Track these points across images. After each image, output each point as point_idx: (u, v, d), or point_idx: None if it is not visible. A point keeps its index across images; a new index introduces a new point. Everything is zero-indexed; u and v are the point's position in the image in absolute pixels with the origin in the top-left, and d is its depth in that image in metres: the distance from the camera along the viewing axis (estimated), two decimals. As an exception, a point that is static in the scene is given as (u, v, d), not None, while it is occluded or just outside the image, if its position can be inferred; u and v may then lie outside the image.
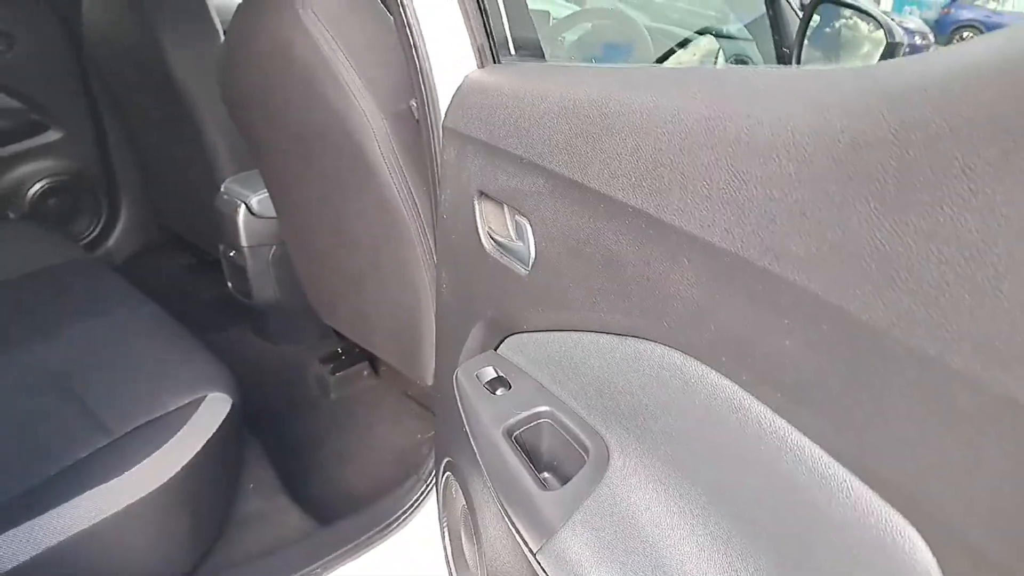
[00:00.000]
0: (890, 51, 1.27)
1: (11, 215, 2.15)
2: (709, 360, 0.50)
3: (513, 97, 0.75)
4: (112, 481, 1.05)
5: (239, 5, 1.28)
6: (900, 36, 1.26)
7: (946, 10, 14.96)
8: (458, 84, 0.93)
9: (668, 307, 0.52)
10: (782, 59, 1.53)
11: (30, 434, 1.13)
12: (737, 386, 0.48)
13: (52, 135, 2.16)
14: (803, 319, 0.40)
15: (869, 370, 0.38)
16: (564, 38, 1.90)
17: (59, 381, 1.23)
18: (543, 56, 1.07)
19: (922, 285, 0.34)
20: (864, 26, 1.41)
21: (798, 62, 1.41)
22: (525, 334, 0.81)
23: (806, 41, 1.43)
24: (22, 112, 2.08)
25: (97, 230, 2.30)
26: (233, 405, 1.25)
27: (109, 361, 1.30)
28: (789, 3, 1.55)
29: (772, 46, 1.57)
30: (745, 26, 1.70)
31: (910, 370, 0.36)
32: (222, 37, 1.76)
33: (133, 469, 1.08)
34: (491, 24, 0.94)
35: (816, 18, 1.45)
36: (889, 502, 0.39)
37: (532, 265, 0.74)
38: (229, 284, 1.90)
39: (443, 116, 0.95)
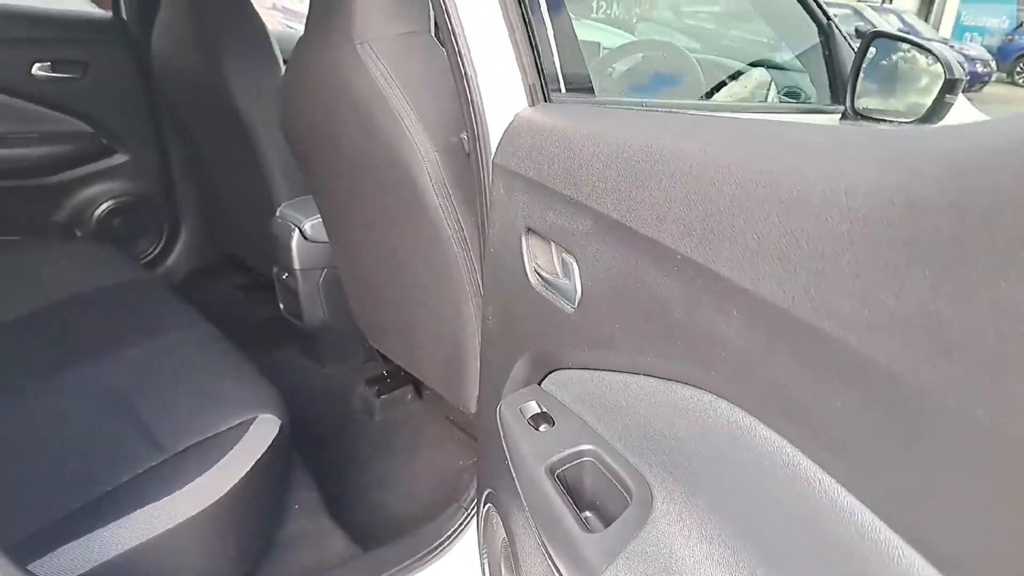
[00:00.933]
0: (949, 87, 1.24)
1: (79, 234, 2.25)
2: (757, 412, 0.50)
3: (563, 137, 0.76)
4: (165, 499, 1.09)
5: (299, 40, 1.33)
6: (959, 72, 1.23)
7: (1009, 37, 14.54)
8: (509, 121, 0.95)
9: (715, 356, 0.52)
10: (836, 92, 1.51)
11: (90, 449, 1.17)
12: (786, 441, 0.47)
13: (119, 158, 2.26)
14: (855, 380, 0.40)
15: (923, 435, 0.37)
16: (614, 68, 1.91)
17: (118, 398, 1.28)
18: (593, 91, 1.09)
19: (979, 355, 0.33)
20: (922, 60, 1.39)
21: (852, 95, 1.39)
22: (570, 371, 0.82)
23: (861, 74, 1.41)
24: (93, 136, 2.19)
25: (158, 250, 2.38)
26: (282, 427, 1.28)
27: (165, 380, 1.34)
28: (843, 34, 1.53)
29: (826, 78, 1.55)
30: (797, 57, 1.68)
31: (965, 438, 0.35)
32: (282, 69, 1.82)
33: (185, 487, 1.11)
34: (542, 61, 0.96)
35: (872, 50, 1.43)
36: (943, 572, 0.38)
37: (578, 304, 0.74)
38: (281, 306, 1.95)
39: (493, 152, 0.97)
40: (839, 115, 1.42)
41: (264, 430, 1.25)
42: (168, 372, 1.37)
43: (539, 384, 0.90)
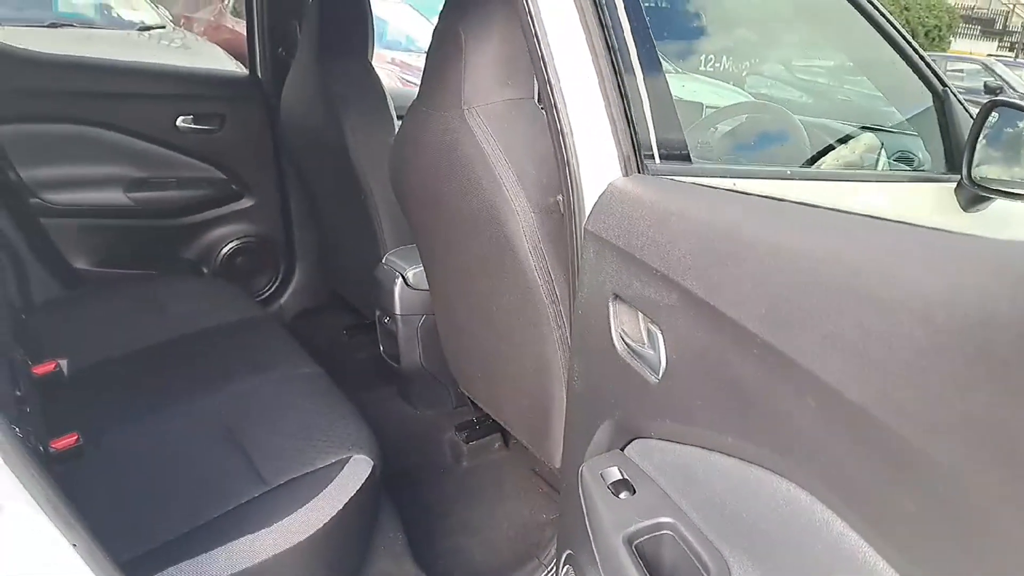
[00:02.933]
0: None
1: (205, 271, 2.45)
2: (836, 507, 0.49)
3: (652, 210, 0.78)
4: (262, 531, 1.15)
5: (413, 103, 1.42)
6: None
7: None
8: (602, 189, 0.97)
9: (794, 444, 0.52)
10: (952, 159, 1.45)
11: (199, 477, 1.26)
12: (864, 541, 0.46)
13: (246, 202, 2.45)
14: (923, 481, 0.39)
15: (988, 538, 0.36)
16: (717, 128, 1.91)
17: (227, 430, 1.37)
18: (689, 157, 1.10)
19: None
20: (1050, 128, 1.31)
21: (970, 164, 1.33)
22: (652, 440, 0.82)
23: (981, 142, 1.35)
24: (224, 182, 2.39)
25: (274, 288, 2.55)
26: (374, 468, 1.33)
27: (270, 415, 1.43)
28: (958, 99, 1.47)
29: (940, 143, 1.49)
30: (909, 120, 1.62)
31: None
32: (396, 127, 1.94)
33: (282, 521, 1.18)
34: (637, 132, 0.98)
35: (994, 116, 1.37)
36: None
37: (662, 375, 0.75)
38: (381, 347, 2.03)
39: (586, 217, 0.99)
40: (954, 184, 1.36)
41: (357, 470, 1.31)
42: (273, 407, 1.46)
43: (622, 450, 0.90)
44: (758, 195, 0.65)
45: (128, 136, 2.20)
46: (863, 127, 1.71)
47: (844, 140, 1.64)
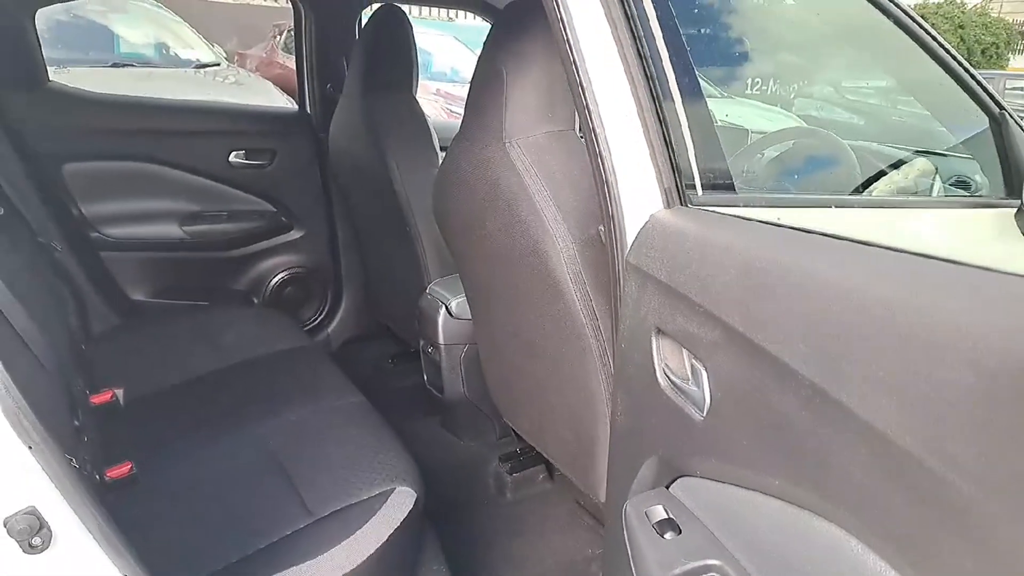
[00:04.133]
0: None
1: (255, 300, 2.51)
2: (888, 556, 0.47)
3: (694, 244, 0.77)
4: (308, 562, 1.16)
5: (455, 136, 1.44)
6: None
7: None
8: (644, 220, 0.97)
9: (843, 489, 0.50)
10: (1011, 184, 1.39)
11: (248, 506, 1.28)
12: (919, 594, 0.44)
13: (294, 234, 2.52)
14: (986, 537, 0.37)
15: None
16: (764, 154, 1.88)
17: (275, 459, 1.39)
18: (733, 187, 1.08)
19: None
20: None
21: (1030, 188, 1.28)
22: (698, 479, 0.80)
23: (1042, 165, 1.30)
24: (274, 215, 2.46)
25: (321, 317, 2.60)
26: (417, 499, 1.33)
27: (317, 445, 1.45)
28: (1016, 120, 1.42)
29: (999, 168, 1.43)
30: (964, 143, 1.57)
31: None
32: (439, 159, 1.97)
33: (327, 553, 1.18)
34: (678, 163, 0.97)
35: (1054, 138, 1.32)
36: None
37: (707, 412, 0.73)
38: (425, 377, 2.05)
39: (628, 249, 0.99)
40: (1015, 209, 1.31)
41: (401, 502, 1.31)
42: (319, 437, 1.47)
43: (667, 487, 0.88)
44: (802, 230, 0.63)
45: (183, 172, 2.29)
46: (917, 151, 1.66)
47: (897, 165, 1.59)
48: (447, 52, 7.01)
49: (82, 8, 4.96)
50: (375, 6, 2.11)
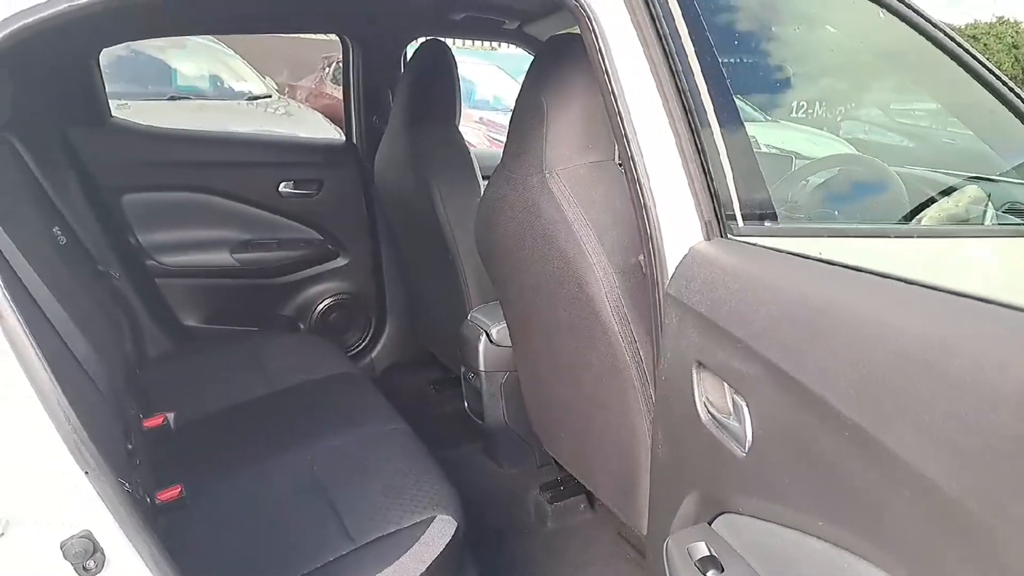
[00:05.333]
0: None
1: (301, 326, 2.56)
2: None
3: (734, 277, 0.76)
4: (349, 591, 1.17)
5: (496, 168, 1.47)
6: None
7: None
8: (684, 251, 0.97)
9: (888, 533, 0.49)
10: (1068, 210, 1.35)
11: (292, 531, 1.30)
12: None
13: (340, 261, 2.57)
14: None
15: None
16: (808, 180, 1.86)
17: (318, 485, 1.41)
18: (775, 216, 1.07)
19: None
20: None
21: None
22: (741, 516, 0.78)
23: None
24: (321, 242, 2.52)
25: (364, 343, 2.64)
26: (458, 528, 1.33)
27: (359, 471, 1.46)
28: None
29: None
30: (1017, 168, 1.53)
31: None
32: (481, 188, 2.00)
33: (368, 581, 1.19)
34: (718, 193, 0.97)
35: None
36: None
37: (748, 449, 0.72)
38: (466, 404, 2.05)
39: (668, 280, 0.99)
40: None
41: (441, 530, 1.31)
42: (362, 463, 1.49)
43: (709, 524, 0.87)
44: (845, 266, 0.62)
45: (235, 202, 2.37)
46: (968, 177, 1.62)
47: (947, 192, 1.55)
48: (490, 81, 7.12)
49: (142, 44, 5.20)
50: (420, 40, 2.16)
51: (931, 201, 1.55)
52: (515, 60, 6.47)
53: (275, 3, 2.12)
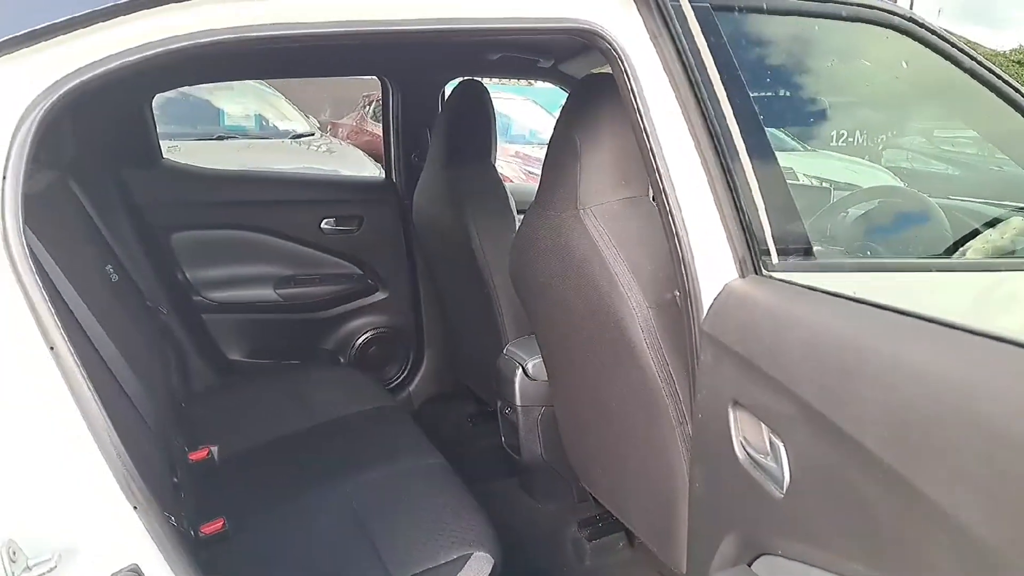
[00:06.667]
0: None
1: (341, 360, 2.60)
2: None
3: (769, 316, 0.76)
4: (388, 629, 1.17)
5: (532, 203, 1.49)
6: None
7: None
8: (719, 288, 0.97)
9: (929, 581, 0.48)
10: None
11: (330, 567, 1.31)
12: None
13: (380, 295, 2.61)
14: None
15: None
16: (848, 212, 1.83)
17: (357, 520, 1.43)
18: (811, 251, 1.07)
19: None
20: None
21: None
22: (780, 558, 0.77)
23: None
24: (361, 277, 2.57)
25: (402, 376, 2.67)
26: (495, 566, 1.33)
27: (397, 506, 1.47)
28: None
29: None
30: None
31: None
32: (516, 223, 2.02)
33: (404, 618, 1.19)
34: (752, 229, 0.97)
35: None
36: None
37: (786, 490, 0.71)
38: (503, 438, 2.05)
39: (703, 316, 0.98)
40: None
41: (479, 567, 1.31)
42: (400, 499, 1.50)
43: (749, 565, 0.86)
44: (880, 306, 0.62)
45: (279, 238, 2.43)
46: (1015, 208, 1.58)
47: (992, 223, 1.52)
48: (525, 115, 7.22)
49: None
50: (457, 80, 2.21)
51: (975, 233, 1.52)
52: (550, 93, 6.55)
53: (318, 49, 2.20)
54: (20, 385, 0.78)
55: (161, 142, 2.36)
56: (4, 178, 0.76)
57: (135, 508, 0.80)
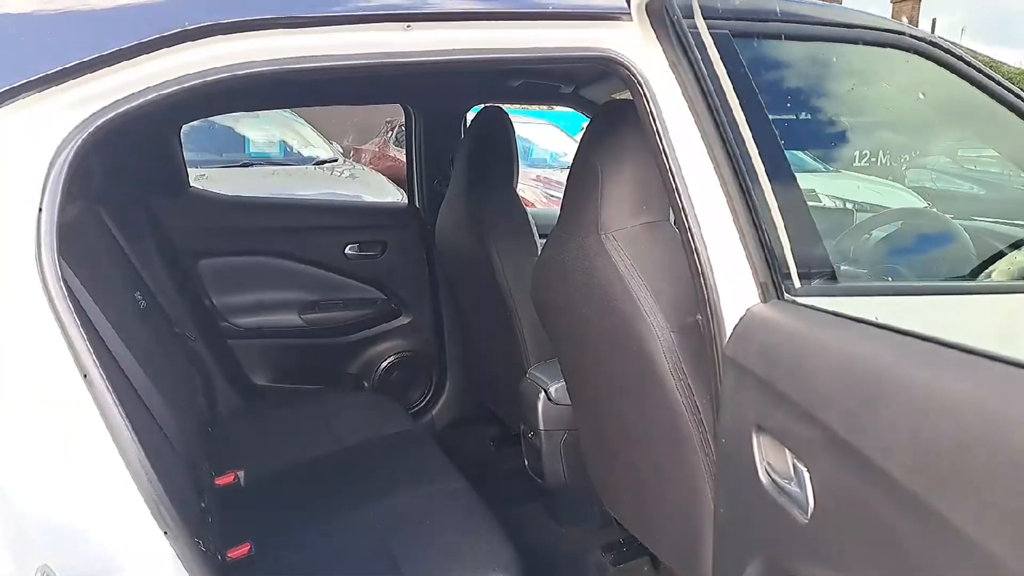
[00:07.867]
0: None
1: (365, 384, 2.62)
2: None
3: (790, 341, 0.76)
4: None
5: (554, 228, 1.50)
6: None
7: None
8: (741, 312, 0.97)
9: (959, 611, 0.47)
10: None
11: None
12: None
13: (403, 320, 2.64)
14: None
15: None
16: (871, 235, 1.82)
17: (381, 543, 1.43)
18: (833, 275, 1.06)
19: None
20: None
21: None
22: (805, 585, 0.77)
23: None
24: (384, 302, 2.60)
25: (425, 400, 2.68)
26: (518, 590, 1.33)
27: (421, 530, 1.48)
28: None
29: None
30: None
31: None
32: (538, 247, 2.04)
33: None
34: (773, 254, 0.97)
35: None
36: None
37: (810, 516, 0.71)
38: (526, 462, 2.05)
39: (726, 340, 0.99)
40: None
41: (502, 592, 1.31)
42: (424, 522, 1.50)
43: (774, 591, 0.85)
44: (900, 331, 0.62)
45: (304, 264, 2.47)
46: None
47: (1017, 245, 1.50)
48: (546, 139, 7.27)
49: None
50: (479, 107, 2.25)
51: (1000, 255, 1.50)
52: (571, 117, 6.60)
53: (344, 79, 2.25)
54: (54, 413, 0.80)
55: (190, 172, 2.41)
56: (40, 210, 0.78)
57: (165, 533, 0.82)
